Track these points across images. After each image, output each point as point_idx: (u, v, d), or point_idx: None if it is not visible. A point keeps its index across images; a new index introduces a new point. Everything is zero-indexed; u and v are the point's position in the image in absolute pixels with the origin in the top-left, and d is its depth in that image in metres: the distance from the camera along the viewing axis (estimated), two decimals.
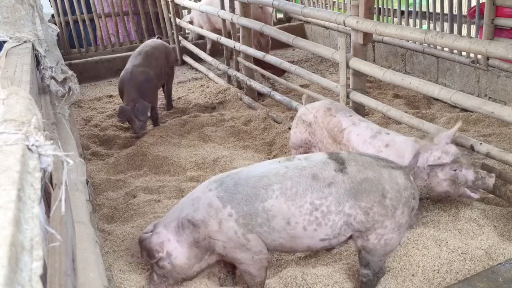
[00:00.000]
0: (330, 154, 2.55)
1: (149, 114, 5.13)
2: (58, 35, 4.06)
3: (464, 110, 4.84)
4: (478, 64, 5.27)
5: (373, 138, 3.12)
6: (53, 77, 2.90)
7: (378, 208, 2.40)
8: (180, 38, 8.05)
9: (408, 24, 6.51)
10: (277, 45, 7.88)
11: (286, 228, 2.42)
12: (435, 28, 5.94)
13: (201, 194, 2.53)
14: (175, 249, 2.55)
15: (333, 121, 3.34)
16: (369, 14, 3.93)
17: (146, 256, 2.59)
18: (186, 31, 8.52)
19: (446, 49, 5.66)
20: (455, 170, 2.90)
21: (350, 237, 2.55)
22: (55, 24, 6.40)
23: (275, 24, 8.45)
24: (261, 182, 2.44)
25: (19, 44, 2.78)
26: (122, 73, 5.22)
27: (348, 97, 4.17)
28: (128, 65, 5.28)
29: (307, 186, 2.40)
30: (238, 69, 6.32)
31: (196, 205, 2.51)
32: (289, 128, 4.93)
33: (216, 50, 7.98)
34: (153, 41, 5.78)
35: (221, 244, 2.50)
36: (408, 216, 2.49)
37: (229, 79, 6.70)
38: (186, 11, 8.93)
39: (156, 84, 5.36)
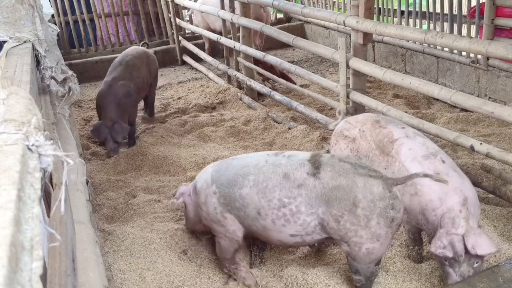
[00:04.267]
0: (312, 156, 2.60)
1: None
2: (58, 35, 4.06)
3: (464, 110, 4.84)
4: (478, 64, 5.27)
5: (426, 158, 2.70)
6: (53, 77, 2.90)
7: (349, 216, 2.39)
8: (180, 38, 8.05)
9: (408, 24, 6.51)
10: (277, 45, 7.89)
11: (258, 218, 2.61)
12: (435, 28, 5.94)
13: (207, 168, 2.93)
14: (188, 204, 3.00)
15: (383, 132, 2.94)
16: (369, 14, 3.93)
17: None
18: (186, 31, 8.52)
19: (446, 49, 5.66)
20: (452, 263, 2.54)
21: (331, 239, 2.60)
22: (55, 24, 6.39)
23: (275, 24, 8.45)
24: (241, 170, 2.67)
25: (19, 44, 2.78)
26: (102, 86, 4.92)
27: (348, 97, 4.17)
28: (108, 78, 4.94)
29: (277, 183, 2.53)
30: (238, 69, 6.32)
31: (201, 176, 2.90)
32: (289, 128, 4.94)
33: (216, 50, 7.99)
34: (135, 49, 5.47)
35: (204, 215, 2.84)
36: (388, 227, 2.40)
37: (229, 79, 6.70)
38: (186, 11, 8.93)
39: (136, 98, 5.05)
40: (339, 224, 2.43)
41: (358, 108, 4.21)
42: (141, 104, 5.90)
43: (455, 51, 5.57)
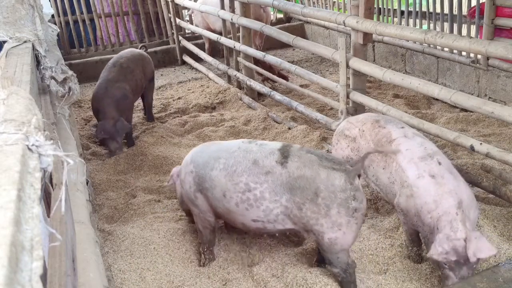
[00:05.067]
0: (282, 146, 2.72)
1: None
2: (58, 35, 4.06)
3: (464, 110, 4.84)
4: (478, 64, 5.28)
5: (422, 160, 2.68)
6: (53, 77, 2.90)
7: (310, 205, 2.51)
8: (180, 38, 8.05)
9: (408, 24, 6.51)
10: (277, 45, 7.89)
11: (223, 200, 2.74)
12: (435, 28, 5.94)
13: (192, 149, 3.10)
14: (176, 183, 3.16)
15: (382, 132, 2.95)
16: (369, 14, 3.93)
17: None
18: (186, 31, 8.52)
19: (446, 49, 5.66)
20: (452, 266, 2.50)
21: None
22: (55, 24, 6.40)
23: (275, 24, 8.45)
24: (215, 154, 2.84)
25: (19, 44, 2.78)
26: (96, 89, 4.85)
27: (348, 97, 4.17)
28: (102, 80, 4.89)
29: (246, 168, 2.67)
30: (238, 69, 6.32)
31: (186, 156, 3.08)
32: (289, 128, 4.94)
33: (216, 50, 7.99)
34: (130, 51, 5.38)
35: (184, 194, 3.00)
36: (350, 216, 2.50)
37: (229, 79, 6.70)
38: (186, 11, 8.93)
39: (132, 100, 5.01)
40: (301, 212, 2.55)
41: (358, 108, 4.21)
42: (140, 104, 5.91)
43: (455, 51, 5.57)
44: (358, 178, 2.55)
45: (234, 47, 6.01)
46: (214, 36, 6.69)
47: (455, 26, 5.67)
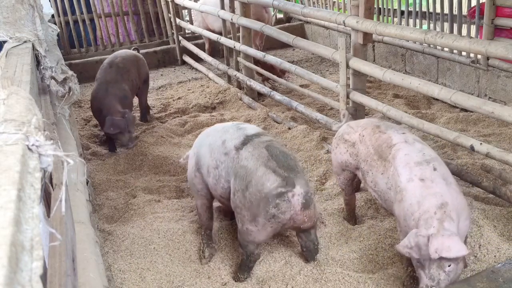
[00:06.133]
0: (253, 134, 2.88)
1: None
2: (58, 35, 4.06)
3: (464, 110, 4.84)
4: (478, 64, 5.27)
5: (418, 165, 2.60)
6: (53, 77, 2.90)
7: (240, 194, 2.70)
8: (180, 38, 8.05)
9: (408, 24, 6.51)
10: (277, 45, 7.89)
11: (207, 175, 2.98)
12: (435, 28, 5.93)
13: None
14: (189, 163, 3.26)
15: (382, 137, 2.87)
16: (369, 14, 3.93)
17: None
18: (186, 31, 8.52)
19: (446, 49, 5.66)
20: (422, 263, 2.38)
21: None
22: (55, 24, 6.39)
23: (275, 24, 8.45)
24: (206, 132, 3.19)
25: (19, 44, 2.78)
26: (96, 89, 4.86)
27: (348, 97, 4.17)
28: (101, 81, 4.90)
29: (217, 146, 2.93)
30: (238, 69, 6.32)
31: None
32: (289, 128, 4.94)
33: (216, 50, 7.98)
34: (124, 52, 5.41)
35: (188, 175, 3.25)
36: (266, 220, 2.61)
37: (229, 79, 6.70)
38: (186, 11, 8.92)
39: (131, 99, 5.08)
40: (234, 197, 2.76)
41: (358, 108, 4.21)
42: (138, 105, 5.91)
43: (455, 51, 5.57)
44: (304, 188, 2.60)
45: (234, 47, 6.01)
46: (214, 36, 6.69)
47: (455, 26, 5.67)
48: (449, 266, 2.31)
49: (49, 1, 6.69)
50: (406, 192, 2.55)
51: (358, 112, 4.21)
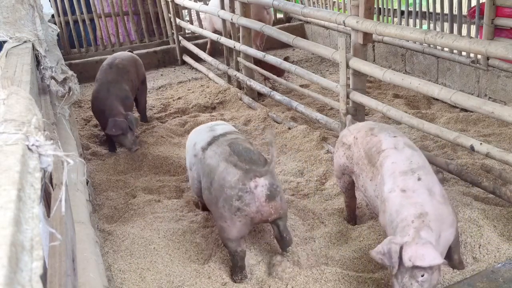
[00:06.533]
0: (220, 134, 2.97)
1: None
2: (58, 35, 4.06)
3: (464, 110, 4.84)
4: (478, 64, 5.27)
5: (402, 174, 2.54)
6: (53, 77, 2.90)
7: (207, 192, 2.80)
8: (180, 38, 8.05)
9: (408, 24, 6.51)
10: (277, 45, 7.88)
11: (192, 175, 3.10)
12: (435, 28, 5.93)
13: None
14: None
15: (373, 140, 2.82)
16: (369, 14, 3.93)
17: None
18: (186, 31, 8.52)
19: (446, 49, 5.66)
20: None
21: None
22: (55, 24, 6.39)
23: (275, 24, 8.45)
24: (196, 130, 3.34)
25: (19, 44, 2.78)
26: (97, 90, 4.83)
27: (348, 97, 4.17)
28: (102, 81, 4.87)
29: (190, 149, 3.09)
30: (238, 69, 6.32)
31: None
32: (289, 128, 4.94)
33: (216, 50, 7.99)
34: (122, 53, 5.43)
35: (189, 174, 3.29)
36: (233, 214, 2.63)
37: (229, 79, 6.70)
38: (186, 11, 8.92)
39: (132, 100, 5.10)
40: (204, 195, 2.88)
41: (358, 108, 4.21)
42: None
43: (455, 51, 5.56)
44: (268, 180, 2.60)
45: (234, 47, 6.02)
46: (214, 36, 6.69)
47: (455, 26, 5.67)
48: (422, 276, 2.23)
49: (49, 1, 6.70)
50: (387, 202, 2.52)
51: (358, 112, 4.21)
